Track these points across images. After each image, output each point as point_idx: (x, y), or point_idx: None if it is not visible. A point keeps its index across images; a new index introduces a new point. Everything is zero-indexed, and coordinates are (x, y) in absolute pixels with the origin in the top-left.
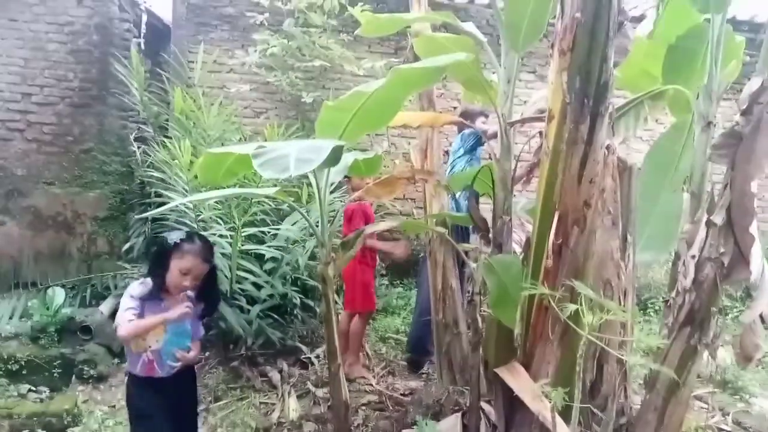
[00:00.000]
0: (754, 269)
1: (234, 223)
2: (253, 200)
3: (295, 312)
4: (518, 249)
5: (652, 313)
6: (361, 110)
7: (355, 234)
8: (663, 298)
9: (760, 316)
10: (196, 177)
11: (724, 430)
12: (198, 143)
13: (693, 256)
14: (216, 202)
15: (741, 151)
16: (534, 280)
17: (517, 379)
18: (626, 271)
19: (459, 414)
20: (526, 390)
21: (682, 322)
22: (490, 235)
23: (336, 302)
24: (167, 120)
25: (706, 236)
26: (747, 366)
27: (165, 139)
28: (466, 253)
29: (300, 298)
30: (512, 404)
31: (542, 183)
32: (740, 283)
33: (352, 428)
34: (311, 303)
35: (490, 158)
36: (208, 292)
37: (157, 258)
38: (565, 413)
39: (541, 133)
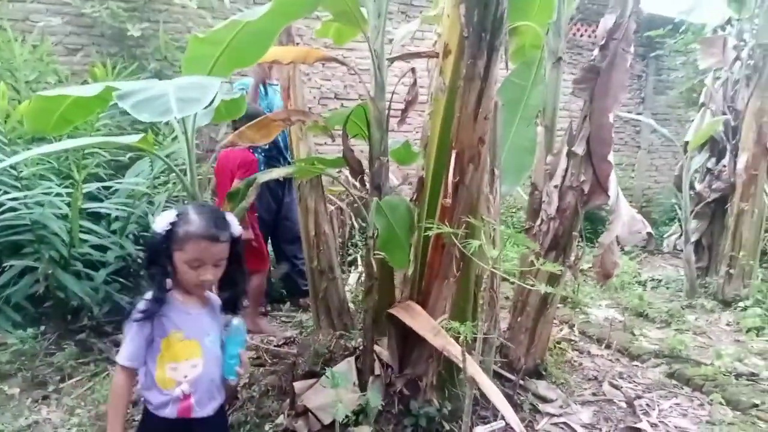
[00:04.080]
0: (611, 195)
1: (73, 179)
2: (84, 151)
3: (141, 273)
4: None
5: None
6: (232, 43)
7: (245, 183)
8: (523, 226)
9: (616, 238)
10: (13, 129)
11: (573, 340)
12: (7, 88)
13: (556, 186)
14: (41, 156)
15: (599, 85)
16: (430, 219)
17: (415, 317)
18: (495, 204)
19: (351, 358)
20: (426, 327)
21: (548, 248)
22: (366, 178)
23: None
24: None
25: (567, 166)
26: (606, 282)
27: None
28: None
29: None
30: (405, 343)
31: (437, 121)
32: (598, 208)
33: (239, 389)
34: None
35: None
36: (231, 277)
37: (154, 257)
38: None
39: (413, 69)
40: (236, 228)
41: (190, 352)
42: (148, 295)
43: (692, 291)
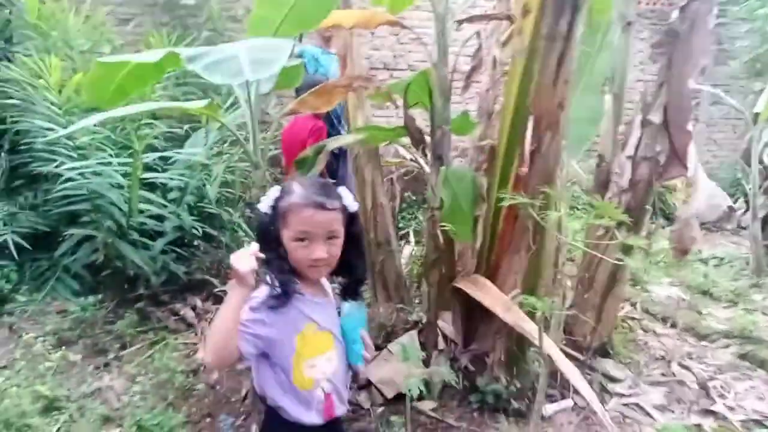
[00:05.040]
0: (690, 167)
1: (132, 149)
2: (141, 122)
3: (195, 243)
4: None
5: None
6: (296, 5)
7: (314, 150)
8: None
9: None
10: (69, 99)
11: (637, 318)
12: (62, 58)
13: (629, 157)
14: (94, 125)
15: (678, 49)
16: (502, 189)
17: (484, 292)
18: (561, 175)
19: (414, 332)
20: (496, 302)
21: (619, 221)
22: (427, 147)
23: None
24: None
25: (641, 136)
26: (683, 258)
27: (17, 54)
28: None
29: (201, 227)
30: (470, 318)
31: (513, 85)
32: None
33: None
34: (214, 232)
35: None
36: (348, 260)
37: (264, 240)
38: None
39: (478, 33)
40: (350, 202)
41: (325, 344)
42: (262, 290)
43: (759, 269)
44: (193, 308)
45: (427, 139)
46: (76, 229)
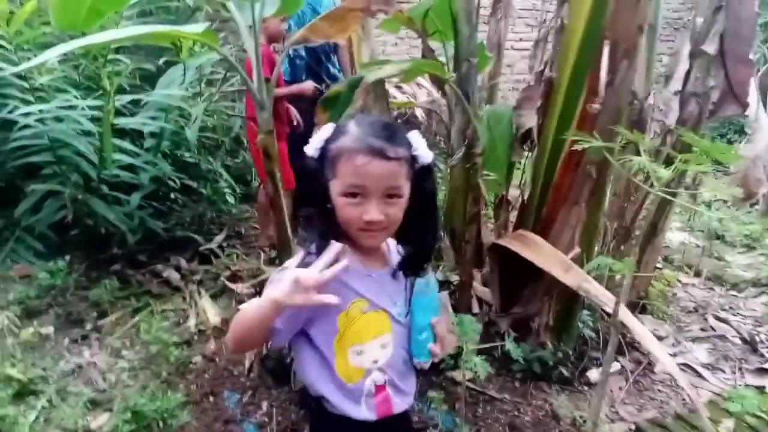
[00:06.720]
0: (751, 102)
1: (102, 89)
2: (107, 57)
3: (172, 196)
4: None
5: None
6: None
7: (349, 85)
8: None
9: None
10: (19, 32)
11: (659, 268)
12: None
13: (675, 93)
14: (58, 62)
15: None
16: (563, 131)
17: (536, 250)
18: None
19: (444, 293)
20: (552, 261)
21: (664, 165)
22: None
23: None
24: None
25: (690, 69)
26: (748, 202)
27: None
28: None
29: (179, 178)
30: (510, 278)
31: (582, 4)
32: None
33: None
34: (193, 184)
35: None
36: (415, 227)
37: (308, 192)
38: None
39: None
40: (423, 151)
41: (378, 327)
42: (295, 258)
43: None
44: (178, 269)
45: None
46: (37, 184)
